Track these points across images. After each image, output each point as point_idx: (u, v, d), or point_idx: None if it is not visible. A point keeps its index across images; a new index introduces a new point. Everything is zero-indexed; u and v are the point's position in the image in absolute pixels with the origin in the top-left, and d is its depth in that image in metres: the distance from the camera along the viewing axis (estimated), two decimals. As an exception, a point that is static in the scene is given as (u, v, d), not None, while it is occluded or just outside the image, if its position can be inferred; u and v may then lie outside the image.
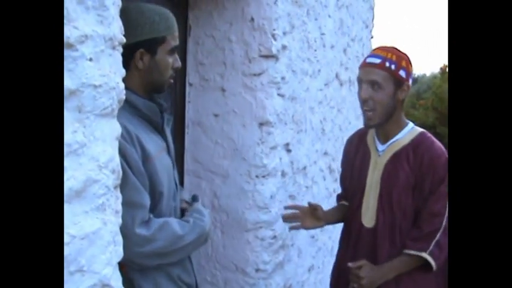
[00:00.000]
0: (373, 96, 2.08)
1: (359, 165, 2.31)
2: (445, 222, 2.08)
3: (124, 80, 1.78)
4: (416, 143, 2.17)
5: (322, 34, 3.24)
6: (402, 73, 2.10)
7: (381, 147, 2.25)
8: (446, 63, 10.53)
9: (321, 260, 3.54)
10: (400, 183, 2.14)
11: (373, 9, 4.49)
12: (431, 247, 2.07)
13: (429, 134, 2.23)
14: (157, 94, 1.94)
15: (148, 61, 1.79)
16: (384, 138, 2.24)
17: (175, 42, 1.84)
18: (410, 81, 2.18)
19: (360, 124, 4.09)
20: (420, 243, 2.09)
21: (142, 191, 1.65)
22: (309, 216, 2.35)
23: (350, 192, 2.36)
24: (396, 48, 2.16)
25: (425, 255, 2.07)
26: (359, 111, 4.16)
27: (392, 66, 2.08)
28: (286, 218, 2.35)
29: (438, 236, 2.08)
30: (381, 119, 2.13)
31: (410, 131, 2.21)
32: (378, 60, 2.10)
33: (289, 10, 2.72)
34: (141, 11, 1.78)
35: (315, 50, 3.14)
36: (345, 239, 2.37)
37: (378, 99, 2.08)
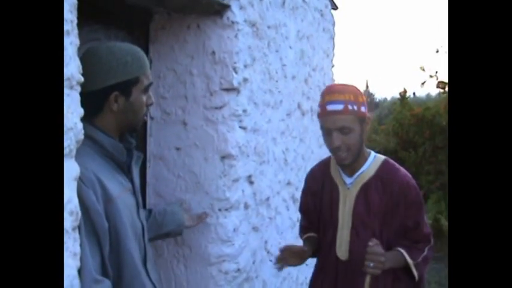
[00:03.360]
0: (345, 140, 2.13)
1: (328, 199, 2.34)
2: (432, 240, 2.26)
3: (95, 119, 1.77)
4: (383, 173, 2.25)
5: (283, 65, 3.27)
6: (363, 109, 2.15)
7: (348, 180, 2.29)
8: (406, 87, 10.76)
9: (286, 290, 3.53)
10: (371, 213, 2.21)
11: (333, 39, 4.56)
12: (419, 259, 2.20)
13: (392, 161, 2.31)
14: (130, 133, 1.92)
15: (123, 103, 1.76)
16: (350, 171, 2.28)
17: (148, 80, 1.83)
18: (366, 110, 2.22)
19: (322, 152, 4.13)
20: (413, 253, 2.20)
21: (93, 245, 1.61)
22: (295, 255, 2.31)
23: (321, 226, 2.38)
24: (346, 85, 2.19)
25: (412, 265, 2.18)
26: (321, 140, 4.19)
27: (355, 108, 2.11)
28: (280, 261, 2.29)
29: (426, 250, 2.23)
30: (353, 159, 2.19)
31: (373, 161, 2.28)
32: (340, 107, 2.10)
33: (250, 43, 2.75)
34: (112, 52, 1.74)
35: (277, 81, 3.16)
36: (320, 274, 2.39)
37: (350, 143, 2.13)
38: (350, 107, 2.10)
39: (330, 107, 2.12)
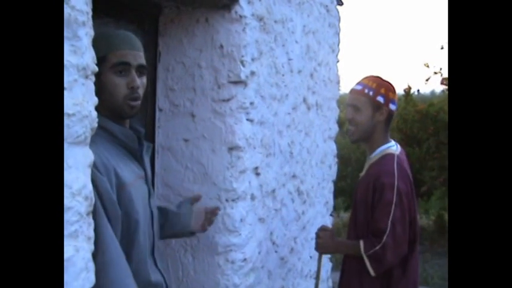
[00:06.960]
0: (354, 117, 2.53)
1: None
2: (385, 238, 2.36)
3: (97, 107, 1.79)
4: (374, 167, 2.52)
5: (290, 59, 3.31)
6: (380, 98, 2.47)
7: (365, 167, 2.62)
8: (410, 84, 10.74)
9: (291, 281, 3.57)
10: (364, 202, 2.46)
11: (338, 34, 4.59)
12: (370, 252, 2.39)
13: (389, 158, 2.50)
14: (127, 119, 1.92)
15: (98, 83, 1.76)
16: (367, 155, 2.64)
17: (118, 59, 1.77)
18: (392, 106, 2.52)
19: (327, 146, 4.17)
20: (368, 244, 2.42)
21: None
22: None
23: None
24: (380, 78, 2.53)
25: (364, 254, 2.40)
26: (326, 134, 4.24)
27: (371, 93, 2.47)
28: None
29: (378, 247, 2.38)
30: (359, 136, 2.57)
31: (381, 151, 2.54)
32: (359, 88, 2.53)
33: (257, 37, 2.79)
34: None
35: (283, 75, 3.20)
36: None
37: (357, 120, 2.53)
38: (366, 91, 2.48)
39: (354, 87, 2.53)
